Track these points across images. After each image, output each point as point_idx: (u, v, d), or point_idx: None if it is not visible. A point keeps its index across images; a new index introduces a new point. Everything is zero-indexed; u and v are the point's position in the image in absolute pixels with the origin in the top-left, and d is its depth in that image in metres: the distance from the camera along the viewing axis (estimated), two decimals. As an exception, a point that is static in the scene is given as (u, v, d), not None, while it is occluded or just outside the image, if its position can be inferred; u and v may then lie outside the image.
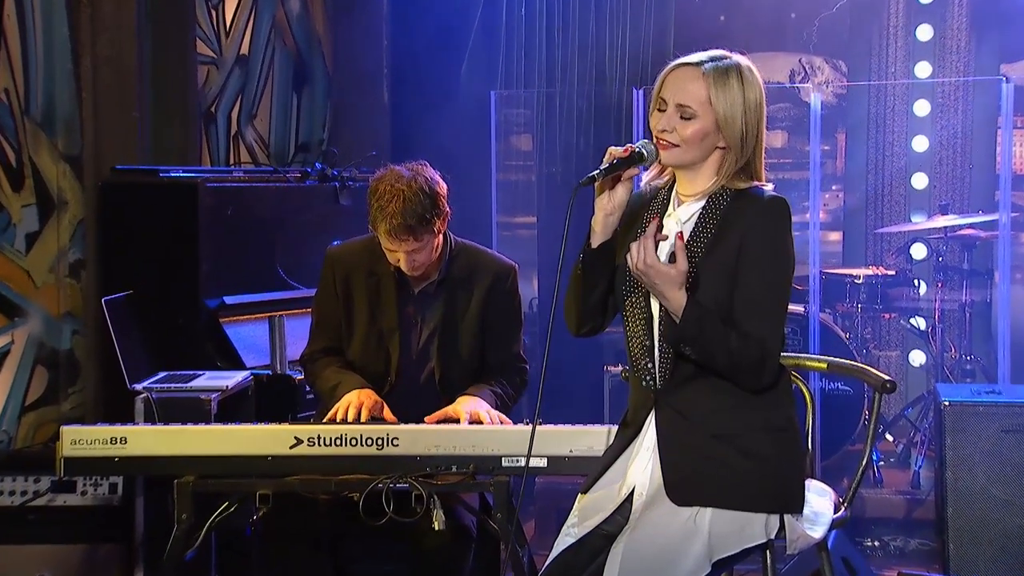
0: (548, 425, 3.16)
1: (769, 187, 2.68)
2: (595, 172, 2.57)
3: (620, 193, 2.65)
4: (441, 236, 3.49)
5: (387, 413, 3.40)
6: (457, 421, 3.33)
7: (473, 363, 3.58)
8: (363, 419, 3.31)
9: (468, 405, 3.39)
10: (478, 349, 3.60)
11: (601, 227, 2.67)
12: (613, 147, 2.64)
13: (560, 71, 6.13)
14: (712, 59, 2.62)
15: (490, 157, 6.09)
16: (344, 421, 3.30)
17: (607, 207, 2.65)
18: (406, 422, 3.32)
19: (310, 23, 6.37)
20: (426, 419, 3.36)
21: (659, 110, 2.64)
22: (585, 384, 5.55)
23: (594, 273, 2.69)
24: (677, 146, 2.62)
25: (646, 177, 2.75)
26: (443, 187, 3.44)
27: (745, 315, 2.57)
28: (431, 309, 3.57)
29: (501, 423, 3.33)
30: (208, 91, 5.60)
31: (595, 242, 2.67)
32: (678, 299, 2.54)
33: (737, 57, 2.65)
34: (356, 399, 3.38)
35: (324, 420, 3.37)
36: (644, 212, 2.74)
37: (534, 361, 3.87)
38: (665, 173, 2.76)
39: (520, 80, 6.20)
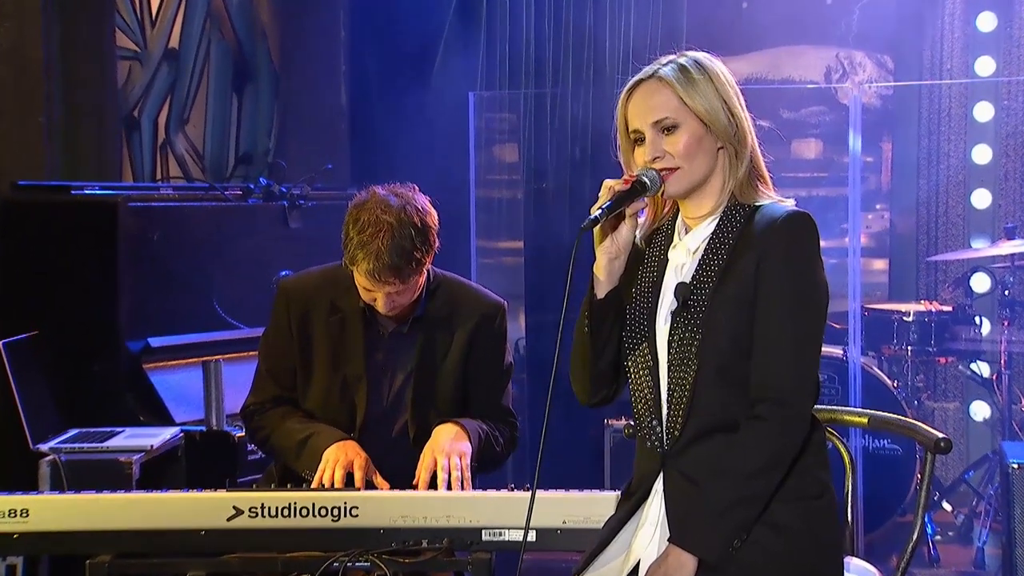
0: (537, 490, 3.16)
1: (790, 202, 2.72)
2: (597, 213, 2.62)
3: (624, 233, 2.69)
4: (427, 271, 3.52)
5: (378, 478, 3.40)
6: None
7: (452, 417, 3.59)
8: (358, 484, 3.33)
9: (446, 441, 3.41)
10: (458, 401, 3.61)
11: (606, 274, 2.70)
12: (609, 180, 2.68)
13: (551, 69, 6.17)
14: (661, 65, 2.70)
15: (468, 170, 6.12)
16: (327, 486, 3.31)
17: (611, 250, 2.69)
18: (372, 487, 3.33)
19: (253, 11, 6.41)
20: (417, 484, 3.37)
21: (637, 144, 2.70)
22: (582, 440, 5.56)
23: (603, 329, 2.73)
24: (679, 167, 2.66)
25: (639, 233, 2.77)
26: (434, 217, 3.47)
27: (762, 360, 2.60)
28: (405, 353, 3.59)
29: (461, 480, 3.35)
30: (130, 91, 5.62)
31: (601, 292, 2.71)
32: (691, 563, 2.58)
33: (687, 53, 2.74)
34: (343, 455, 3.39)
35: (312, 485, 3.37)
36: (647, 249, 2.78)
37: (521, 415, 3.89)
38: (661, 214, 2.80)
39: (504, 80, 6.24)
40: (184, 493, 3.27)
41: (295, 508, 3.17)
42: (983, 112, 6.71)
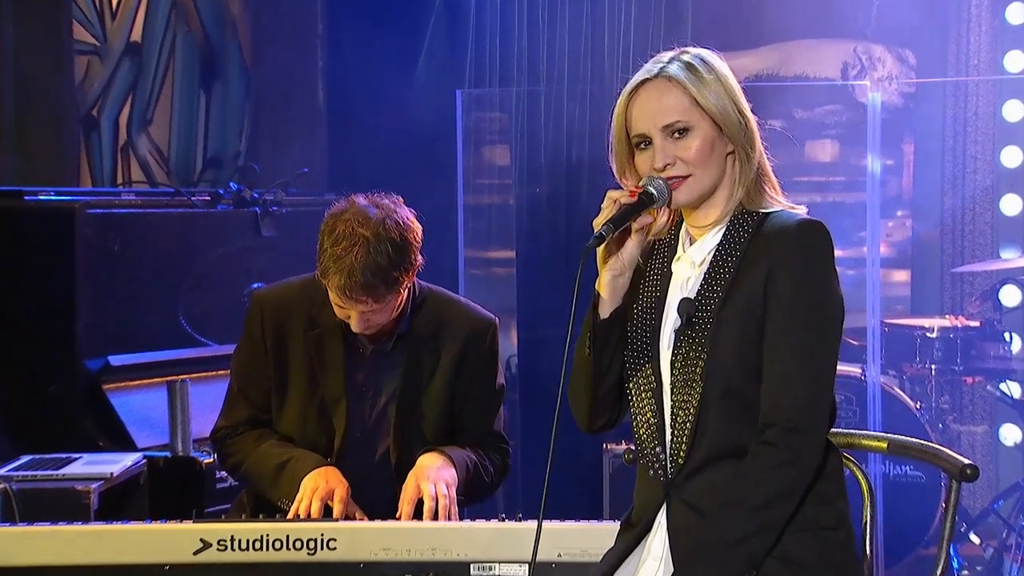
0: (530, 521, 3.17)
1: (801, 209, 2.72)
2: (602, 230, 2.61)
3: (630, 249, 2.69)
4: (406, 290, 3.53)
5: (358, 514, 3.41)
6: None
7: (438, 443, 3.60)
8: (337, 515, 3.33)
9: (430, 469, 3.42)
10: (445, 425, 3.63)
11: (609, 292, 2.71)
12: (613, 191, 2.67)
13: (546, 65, 6.18)
14: (665, 63, 2.69)
15: (456, 174, 6.12)
16: (303, 517, 3.32)
17: (615, 267, 2.69)
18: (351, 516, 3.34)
19: (222, 2, 6.42)
20: (400, 516, 3.37)
21: (639, 149, 2.70)
22: (579, 466, 5.56)
23: (606, 350, 2.73)
24: (690, 175, 2.66)
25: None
26: (417, 233, 3.48)
27: (772, 380, 2.60)
28: (388, 372, 3.60)
29: (448, 511, 3.36)
30: (89, 89, 5.63)
31: (604, 312, 2.71)
32: None
33: (689, 49, 2.73)
34: (323, 483, 3.40)
35: (288, 516, 3.37)
36: (648, 261, 2.78)
37: (512, 438, 3.89)
38: (660, 224, 2.79)
39: (494, 77, 6.25)
40: (147, 525, 3.27)
41: (268, 541, 3.18)
42: (1013, 111, 6.72)
